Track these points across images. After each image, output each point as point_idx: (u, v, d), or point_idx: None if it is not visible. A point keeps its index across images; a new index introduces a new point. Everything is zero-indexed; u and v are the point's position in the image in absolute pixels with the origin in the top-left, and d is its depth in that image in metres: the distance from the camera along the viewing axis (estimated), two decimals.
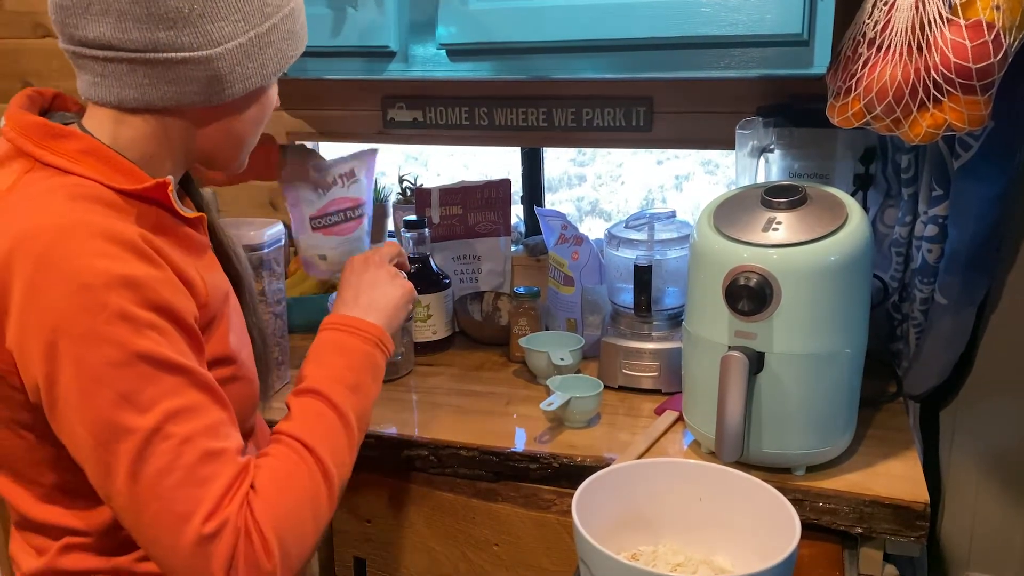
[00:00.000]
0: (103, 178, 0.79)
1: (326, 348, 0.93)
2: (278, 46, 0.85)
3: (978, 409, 1.39)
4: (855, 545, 1.07)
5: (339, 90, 1.71)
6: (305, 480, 0.81)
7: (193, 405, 0.75)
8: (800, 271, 1.01)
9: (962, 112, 0.98)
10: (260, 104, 0.89)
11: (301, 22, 0.90)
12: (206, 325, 0.83)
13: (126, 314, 0.72)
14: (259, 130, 0.93)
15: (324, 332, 0.95)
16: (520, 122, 1.62)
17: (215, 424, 0.76)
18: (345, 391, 0.88)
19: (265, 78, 0.86)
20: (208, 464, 0.74)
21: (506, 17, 1.19)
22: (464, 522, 1.23)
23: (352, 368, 0.91)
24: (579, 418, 1.24)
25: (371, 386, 0.93)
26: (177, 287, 0.78)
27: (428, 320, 1.52)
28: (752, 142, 1.29)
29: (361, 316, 0.96)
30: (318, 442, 0.83)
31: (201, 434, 0.74)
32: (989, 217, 1.18)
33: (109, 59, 0.79)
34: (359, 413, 0.89)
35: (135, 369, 0.72)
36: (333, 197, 1.49)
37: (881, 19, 1.01)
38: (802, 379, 1.04)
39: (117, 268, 0.72)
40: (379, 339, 0.95)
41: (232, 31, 0.80)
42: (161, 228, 0.82)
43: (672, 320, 1.36)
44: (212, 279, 0.86)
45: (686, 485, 0.94)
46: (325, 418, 0.86)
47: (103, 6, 0.76)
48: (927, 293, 1.27)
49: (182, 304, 0.77)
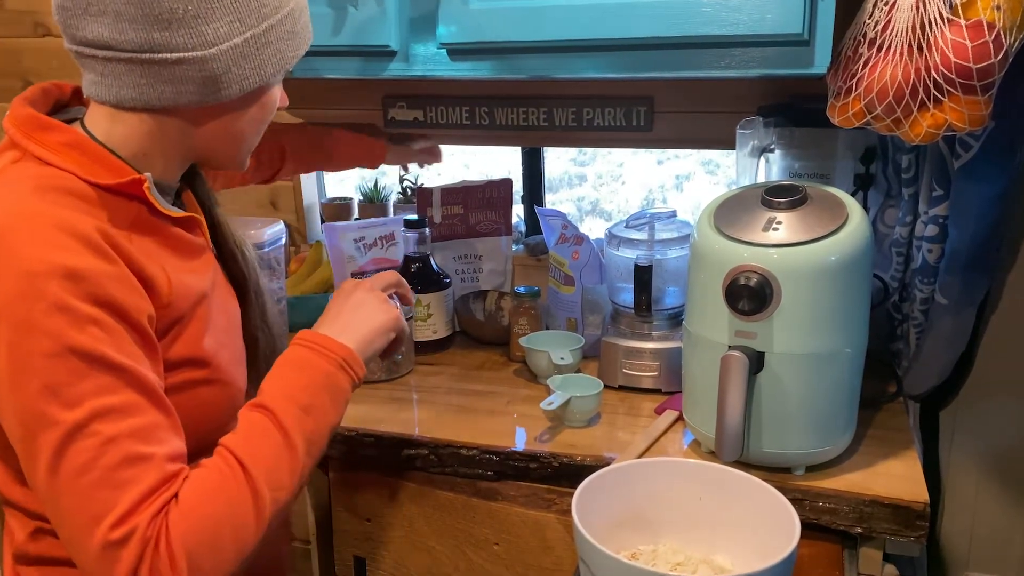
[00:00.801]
0: (81, 171, 0.79)
1: (287, 364, 0.89)
2: (277, 47, 0.85)
3: (978, 409, 1.39)
4: (855, 545, 1.07)
5: (340, 89, 1.71)
6: (232, 498, 0.77)
7: (125, 405, 0.73)
8: (800, 271, 1.01)
9: (962, 112, 0.98)
10: (261, 104, 0.89)
11: (303, 22, 0.90)
12: (169, 326, 0.82)
13: (65, 306, 0.71)
14: (261, 129, 0.92)
15: (291, 347, 0.91)
16: (521, 122, 1.62)
17: (146, 427, 0.74)
18: (296, 411, 0.84)
19: (264, 78, 0.85)
20: (129, 468, 0.72)
21: (507, 17, 1.20)
22: (464, 521, 1.23)
23: (308, 388, 0.86)
24: (579, 417, 1.24)
25: (328, 409, 0.87)
26: (130, 285, 0.76)
27: (429, 319, 1.52)
28: (752, 142, 1.29)
29: (332, 335, 0.91)
30: (254, 461, 0.79)
31: (128, 436, 0.72)
32: (989, 217, 1.18)
33: (108, 59, 0.79)
34: (309, 436, 0.84)
35: (67, 362, 0.71)
36: (374, 256, 1.61)
37: (882, 19, 1.01)
38: (802, 379, 1.04)
39: (63, 259, 0.72)
40: (345, 360, 0.89)
41: (227, 32, 0.80)
42: (139, 225, 0.82)
43: (672, 320, 1.36)
44: (186, 280, 0.85)
45: (686, 484, 0.95)
46: (268, 437, 0.82)
47: (100, 7, 0.77)
48: (927, 293, 1.27)
49: (133, 302, 0.76)
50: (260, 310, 1.00)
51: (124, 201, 0.81)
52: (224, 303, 0.94)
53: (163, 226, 0.85)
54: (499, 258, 1.68)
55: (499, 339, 1.56)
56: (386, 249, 1.62)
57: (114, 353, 0.73)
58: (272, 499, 0.79)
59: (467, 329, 1.61)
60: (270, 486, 0.79)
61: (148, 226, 0.83)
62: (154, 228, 0.84)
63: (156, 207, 0.84)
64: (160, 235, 0.85)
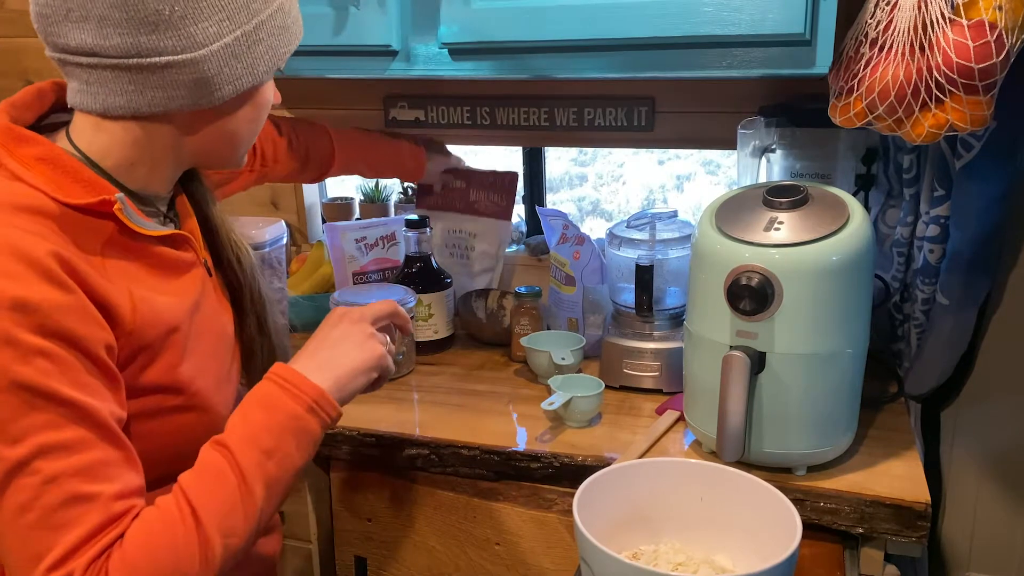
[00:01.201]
0: (51, 189, 0.76)
1: (255, 401, 0.83)
2: (268, 43, 0.82)
3: (979, 409, 1.39)
4: (856, 545, 1.07)
5: (341, 89, 1.71)
6: (178, 546, 0.73)
7: (71, 442, 0.70)
8: (802, 271, 1.01)
9: (964, 112, 0.98)
10: (254, 103, 0.86)
11: (293, 15, 0.86)
12: (134, 353, 0.78)
13: (11, 339, 0.68)
14: (257, 128, 0.89)
15: (264, 381, 0.85)
16: (522, 121, 1.62)
17: (94, 464, 0.71)
18: (257, 455, 0.79)
19: (256, 77, 0.82)
20: (71, 508, 0.69)
21: (508, 16, 1.20)
22: (465, 521, 1.23)
23: (272, 430, 0.81)
24: (580, 417, 1.24)
25: (293, 454, 0.81)
26: (86, 314, 0.72)
27: (430, 319, 1.52)
28: (754, 142, 1.29)
29: (306, 373, 0.85)
30: (206, 506, 0.75)
31: (72, 475, 0.70)
32: (991, 217, 1.18)
33: (93, 66, 0.76)
34: (269, 481, 0.79)
35: (11, 397, 0.68)
36: (375, 256, 1.62)
37: (883, 19, 1.01)
38: (803, 379, 1.04)
39: (12, 290, 0.69)
40: (316, 402, 0.83)
41: (217, 31, 0.77)
42: (112, 246, 0.78)
43: (673, 320, 1.36)
44: (159, 305, 0.81)
45: (687, 485, 0.94)
46: (225, 483, 0.77)
47: (82, 12, 0.74)
48: (928, 293, 1.27)
49: (88, 332, 0.72)
50: (257, 318, 0.96)
51: (96, 221, 0.78)
52: (212, 320, 0.90)
53: (140, 246, 0.81)
54: (493, 240, 1.66)
55: (500, 339, 1.56)
56: (387, 249, 1.63)
57: (63, 387, 0.70)
58: (223, 545, 0.75)
59: (468, 329, 1.61)
60: (222, 532, 0.75)
61: (122, 247, 0.79)
62: (129, 249, 0.80)
63: (130, 227, 0.80)
64: (136, 255, 0.81)
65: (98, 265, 0.76)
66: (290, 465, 0.81)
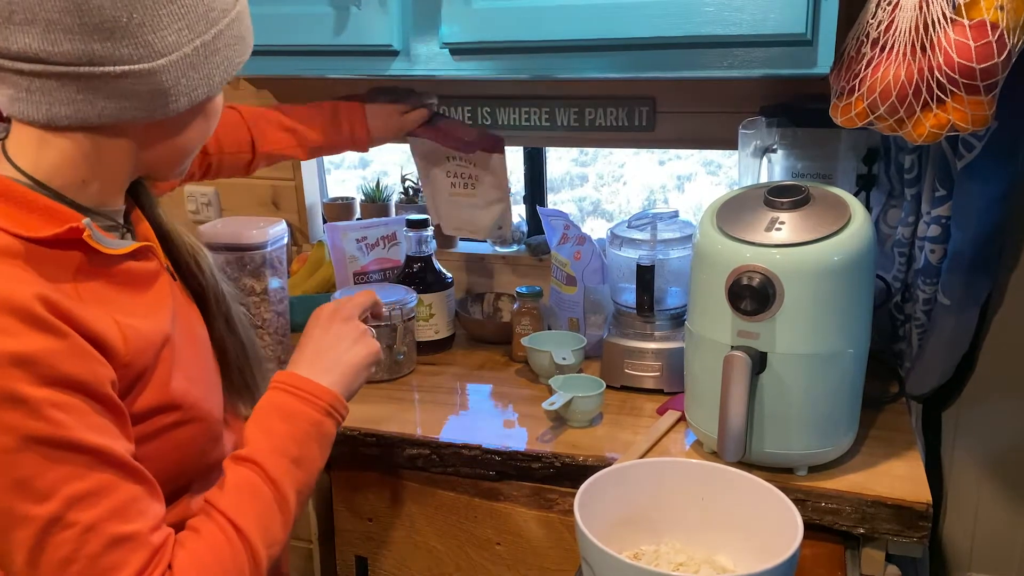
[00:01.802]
0: (9, 224, 0.71)
1: (273, 412, 0.85)
2: (225, 53, 0.79)
3: (980, 410, 1.39)
4: (857, 545, 1.07)
5: (342, 89, 1.71)
6: (226, 563, 0.75)
7: (99, 487, 0.69)
8: (803, 271, 1.01)
9: (965, 112, 0.98)
10: (206, 115, 0.83)
11: (246, 24, 0.83)
12: (133, 382, 0.76)
13: (18, 396, 0.65)
14: (205, 139, 0.85)
15: (274, 392, 0.87)
16: (523, 121, 1.62)
17: (125, 504, 0.70)
18: (287, 464, 0.82)
19: (212, 88, 0.79)
20: (114, 551, 0.69)
21: (509, 16, 1.20)
22: (466, 521, 1.23)
23: (297, 439, 0.84)
24: (581, 417, 1.24)
25: (317, 458, 0.86)
26: (86, 355, 0.70)
27: (430, 319, 1.52)
28: (755, 142, 1.29)
29: (316, 379, 0.88)
30: (249, 522, 0.77)
31: (107, 519, 0.69)
32: (992, 217, 1.18)
33: (36, 73, 0.70)
34: (299, 488, 0.83)
35: (31, 454, 0.66)
36: (376, 256, 1.61)
37: (885, 19, 1.01)
38: (805, 379, 1.04)
39: (7, 346, 0.65)
40: (332, 406, 0.87)
41: (176, 41, 0.73)
42: (83, 273, 0.75)
43: (674, 320, 1.36)
44: (144, 328, 0.78)
45: (688, 485, 0.95)
46: (260, 496, 0.80)
47: (28, 15, 0.68)
48: (930, 294, 1.27)
49: (92, 373, 0.70)
50: (224, 317, 0.94)
51: (62, 252, 0.73)
52: (189, 328, 0.88)
53: (109, 268, 0.78)
54: (500, 171, 1.51)
55: (500, 338, 1.56)
56: (388, 249, 1.63)
57: (79, 434, 0.68)
58: (267, 556, 0.78)
59: (468, 329, 1.61)
60: (265, 544, 0.78)
61: (93, 272, 0.76)
62: (100, 273, 0.77)
63: (99, 251, 0.76)
64: (107, 278, 0.77)
65: (75, 297, 0.72)
66: (315, 468, 0.86)
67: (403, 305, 1.39)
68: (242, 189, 1.86)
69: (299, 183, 1.82)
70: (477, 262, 1.74)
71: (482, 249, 1.75)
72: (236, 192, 1.87)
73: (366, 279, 1.61)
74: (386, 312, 1.35)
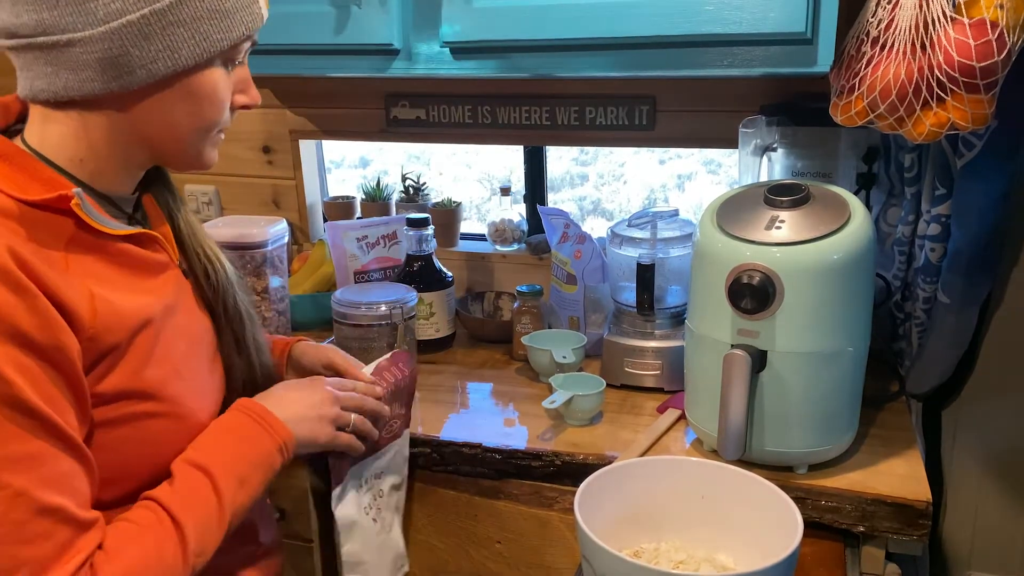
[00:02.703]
0: (6, 186, 0.73)
1: (232, 432, 0.86)
2: (194, 27, 0.75)
3: (980, 408, 1.39)
4: (857, 544, 1.07)
5: (342, 88, 1.71)
6: (165, 556, 0.75)
7: (39, 454, 0.68)
8: (803, 269, 1.01)
9: (965, 111, 0.98)
10: (191, 93, 0.78)
11: (239, 1, 0.78)
12: (98, 358, 0.75)
13: None
14: (205, 124, 0.81)
15: (238, 413, 0.88)
16: (523, 120, 1.62)
17: (60, 477, 0.70)
18: (234, 482, 0.82)
19: (178, 62, 0.75)
20: (41, 520, 0.68)
21: (510, 15, 1.20)
22: (467, 519, 1.23)
23: (250, 462, 0.85)
24: (581, 416, 1.24)
25: (258, 486, 0.86)
26: (49, 318, 0.69)
27: (431, 318, 1.52)
28: (755, 141, 1.29)
29: (282, 418, 0.89)
30: (191, 523, 0.77)
31: (39, 487, 0.68)
32: (992, 216, 1.18)
33: (14, 48, 0.74)
34: (238, 508, 0.83)
35: None
36: (377, 255, 1.61)
37: (885, 17, 1.01)
38: (805, 377, 1.04)
39: None
40: (285, 443, 0.88)
41: (120, 8, 0.72)
42: (75, 243, 0.75)
43: (675, 318, 1.37)
44: (124, 306, 0.77)
45: (688, 483, 0.95)
46: (206, 502, 0.80)
47: None
48: (930, 292, 1.27)
49: (53, 338, 0.69)
50: (234, 335, 0.93)
51: (56, 218, 0.74)
52: (188, 325, 0.87)
53: (105, 244, 0.78)
54: None
55: (500, 336, 1.56)
56: (388, 248, 1.63)
57: (28, 395, 0.67)
58: (194, 564, 0.77)
59: (468, 327, 1.61)
60: (198, 549, 0.77)
61: (86, 245, 0.76)
62: (94, 247, 0.77)
63: (91, 225, 0.76)
64: (101, 253, 0.77)
65: (60, 263, 0.73)
66: (254, 496, 0.85)
67: (403, 304, 1.39)
68: (243, 188, 1.86)
69: (299, 182, 1.83)
70: (478, 261, 1.74)
71: (483, 248, 1.75)
72: (237, 191, 1.87)
73: (366, 278, 1.61)
74: (386, 311, 1.35)
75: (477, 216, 2.10)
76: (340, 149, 2.32)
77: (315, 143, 1.86)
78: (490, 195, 2.20)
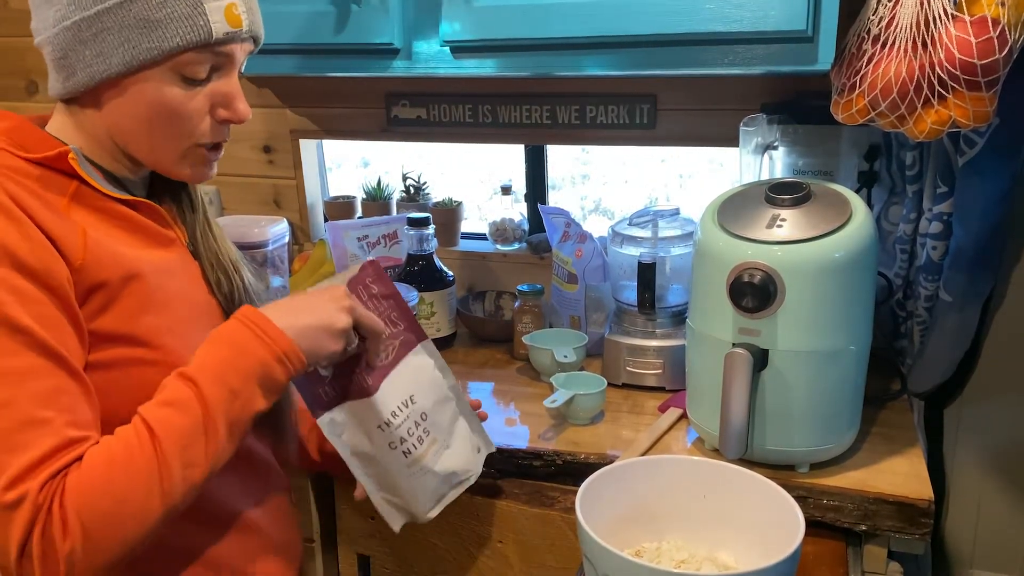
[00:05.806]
0: (15, 148, 0.80)
1: (225, 341, 0.82)
2: (122, 35, 0.79)
3: (982, 406, 1.39)
4: (859, 542, 1.07)
5: (342, 87, 1.71)
6: (137, 468, 0.74)
7: (28, 369, 0.72)
8: (804, 268, 1.01)
9: (967, 108, 0.98)
10: (141, 102, 0.82)
11: (173, 13, 0.80)
12: (88, 291, 0.78)
13: None
14: (160, 131, 0.84)
15: (234, 322, 0.83)
16: (524, 119, 1.62)
17: (49, 392, 0.73)
18: (225, 392, 0.78)
19: (109, 67, 0.80)
20: (26, 431, 0.71)
21: (510, 14, 1.19)
22: (468, 519, 1.23)
23: (240, 372, 0.80)
24: (583, 415, 1.24)
25: (257, 397, 0.81)
26: (40, 244, 0.74)
27: (432, 318, 1.52)
28: (756, 139, 1.29)
29: (280, 325, 0.82)
30: (168, 433, 0.75)
31: (28, 400, 0.71)
32: (994, 214, 1.17)
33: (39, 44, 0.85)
34: (232, 420, 0.79)
35: None
36: (377, 255, 1.61)
37: (886, 15, 1.01)
38: (806, 376, 1.04)
39: None
40: (286, 354, 0.82)
41: (63, 14, 0.80)
42: (79, 200, 0.81)
43: (676, 317, 1.36)
44: (117, 248, 0.81)
45: (690, 482, 0.95)
46: (190, 412, 0.77)
47: None
48: (932, 290, 1.27)
49: (43, 262, 0.74)
50: None
51: (60, 176, 0.81)
52: (191, 295, 0.89)
53: (109, 205, 0.84)
54: None
55: (502, 336, 1.56)
56: (389, 247, 1.63)
57: (16, 312, 0.71)
58: (183, 476, 0.75)
59: (469, 327, 1.61)
60: (182, 462, 0.75)
61: (87, 200, 0.82)
62: (95, 205, 0.83)
63: (93, 185, 0.82)
64: (104, 213, 0.83)
65: (58, 207, 0.79)
66: (252, 408, 0.81)
67: None
68: (243, 188, 1.86)
69: (300, 182, 1.83)
70: (478, 260, 1.74)
71: (483, 247, 1.75)
72: (237, 191, 1.87)
73: None
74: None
75: (478, 215, 2.10)
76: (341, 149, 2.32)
77: (316, 143, 1.86)
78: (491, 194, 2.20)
